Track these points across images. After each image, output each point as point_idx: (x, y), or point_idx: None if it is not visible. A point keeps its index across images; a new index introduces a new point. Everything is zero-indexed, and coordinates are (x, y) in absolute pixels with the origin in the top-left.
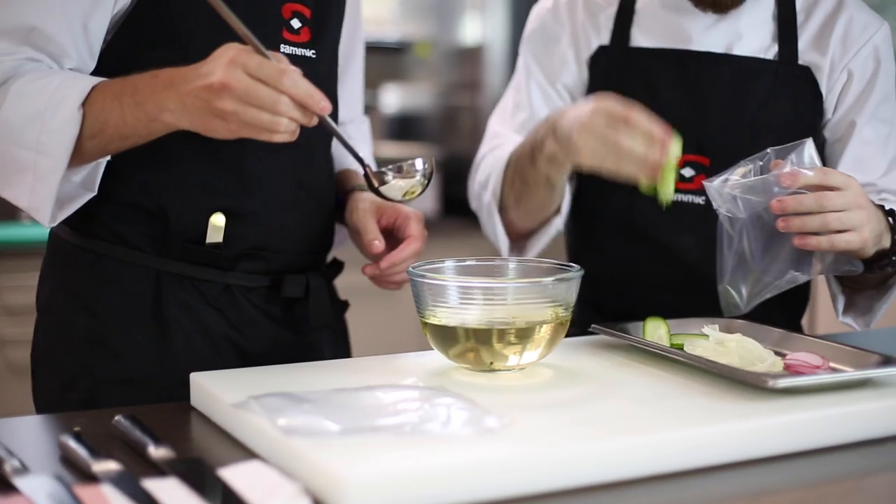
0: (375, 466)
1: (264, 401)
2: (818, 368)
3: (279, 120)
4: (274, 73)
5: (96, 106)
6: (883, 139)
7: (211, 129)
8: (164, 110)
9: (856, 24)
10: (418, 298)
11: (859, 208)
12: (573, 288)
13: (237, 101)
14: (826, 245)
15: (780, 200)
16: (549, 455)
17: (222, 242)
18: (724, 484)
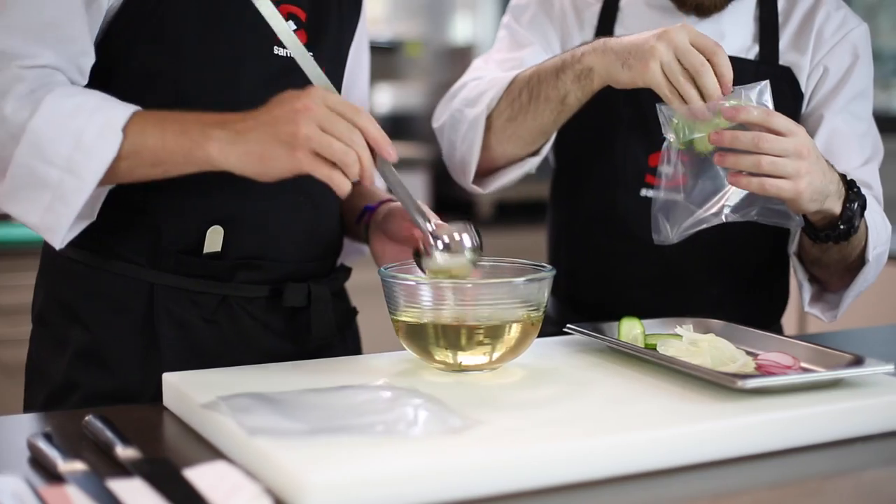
0: (336, 467)
1: (232, 401)
2: (789, 369)
3: (351, 152)
4: (350, 109)
5: (136, 128)
6: (858, 135)
7: (270, 158)
8: (211, 139)
9: (832, 21)
10: (389, 299)
11: (799, 157)
12: (544, 288)
13: (315, 126)
14: (756, 187)
15: (718, 133)
16: (512, 456)
17: (220, 252)
18: (688, 485)
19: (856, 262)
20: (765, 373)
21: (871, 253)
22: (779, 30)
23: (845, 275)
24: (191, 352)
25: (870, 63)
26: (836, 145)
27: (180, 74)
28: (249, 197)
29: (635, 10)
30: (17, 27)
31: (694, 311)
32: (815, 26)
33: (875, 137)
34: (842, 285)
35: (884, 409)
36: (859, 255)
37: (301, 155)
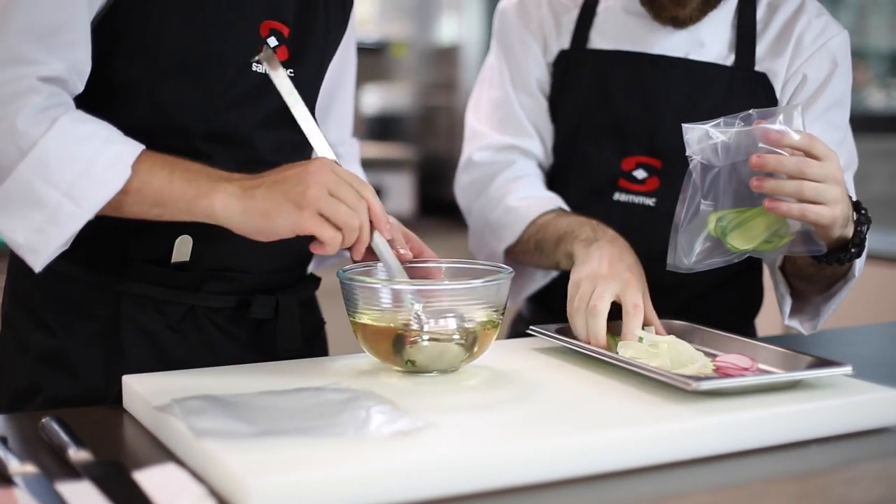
0: (279, 469)
1: (185, 403)
2: (746, 371)
3: (355, 218)
4: (357, 181)
5: (143, 166)
6: (835, 144)
7: (276, 214)
8: (218, 191)
9: (813, 28)
10: (348, 300)
11: (836, 183)
12: (503, 290)
13: (324, 189)
14: (797, 213)
15: (761, 156)
16: (458, 458)
17: (188, 262)
18: (634, 488)
19: (841, 276)
20: (722, 374)
21: (857, 267)
22: (756, 37)
23: (826, 287)
24: (155, 360)
25: (848, 72)
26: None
27: (157, 86)
28: None
29: (612, 17)
30: (27, 31)
31: (665, 311)
32: (796, 33)
33: (850, 147)
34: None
35: (839, 411)
36: (847, 269)
37: (308, 214)
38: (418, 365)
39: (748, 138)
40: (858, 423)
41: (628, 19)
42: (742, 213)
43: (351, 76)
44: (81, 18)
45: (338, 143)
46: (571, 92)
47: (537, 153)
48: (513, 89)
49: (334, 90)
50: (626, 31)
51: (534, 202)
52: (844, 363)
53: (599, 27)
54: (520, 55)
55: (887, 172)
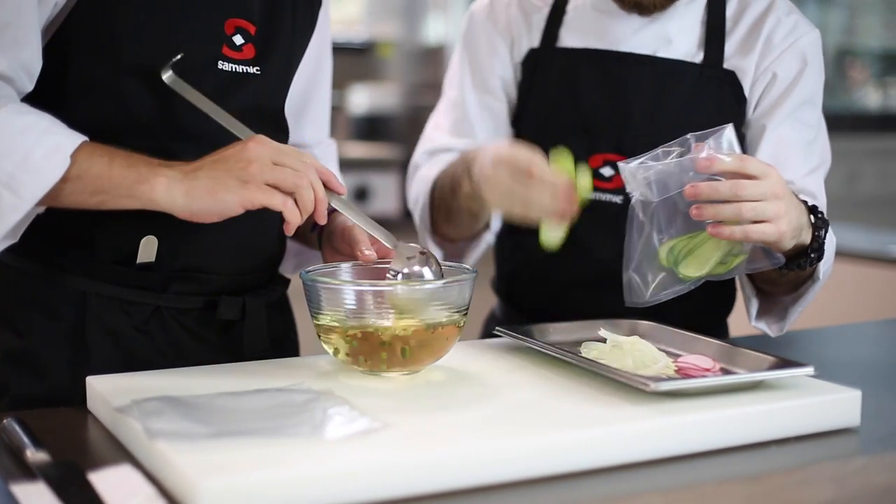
0: (230, 470)
1: (143, 404)
2: (708, 371)
3: (304, 178)
4: (294, 150)
5: (82, 155)
6: (806, 143)
7: (220, 189)
8: (160, 176)
9: (783, 27)
10: (310, 301)
11: (776, 199)
12: (465, 290)
13: (267, 160)
14: (740, 235)
15: (694, 186)
16: (412, 459)
17: (154, 262)
18: (579, 490)
19: (806, 278)
20: (683, 375)
21: (822, 268)
22: (726, 34)
23: (793, 289)
24: (121, 360)
25: (820, 70)
26: (782, 153)
27: (122, 86)
28: None
29: (581, 15)
30: None
31: (636, 311)
32: (765, 31)
33: (823, 146)
34: (789, 297)
35: (799, 412)
36: (812, 272)
37: (254, 186)
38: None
39: (681, 168)
40: (819, 423)
41: (597, 17)
42: (692, 239)
43: (326, 77)
44: (29, 18)
45: (315, 143)
46: (540, 90)
47: None
48: (471, 90)
49: (309, 91)
50: (595, 29)
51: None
52: (806, 364)
53: (569, 25)
54: (484, 56)
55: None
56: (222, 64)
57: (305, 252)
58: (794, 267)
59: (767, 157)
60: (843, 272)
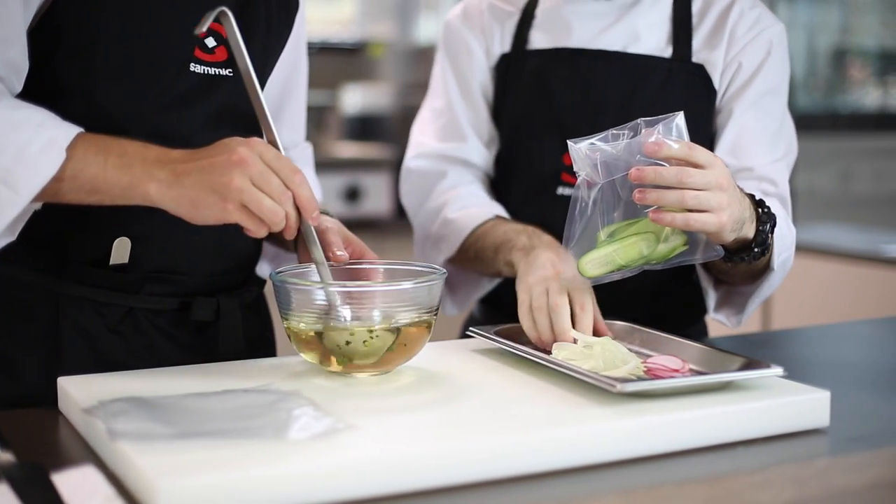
0: (191, 471)
1: (110, 405)
2: (677, 372)
3: (280, 212)
4: (287, 169)
5: (77, 152)
6: (770, 133)
7: (202, 205)
8: (153, 180)
9: (746, 19)
10: (280, 302)
11: (720, 190)
12: (435, 291)
13: (247, 180)
14: (680, 223)
15: (640, 169)
16: (373, 460)
17: (127, 264)
18: (537, 491)
19: (762, 269)
20: (652, 376)
21: (776, 261)
22: (693, 29)
23: (751, 280)
24: (95, 361)
25: (784, 62)
26: (744, 141)
27: (96, 88)
28: (158, 210)
29: (550, 16)
30: None
31: (611, 310)
32: (729, 24)
33: (789, 137)
34: (747, 288)
35: (765, 413)
36: (766, 263)
37: (231, 207)
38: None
39: (629, 152)
40: (788, 424)
41: (566, 17)
42: (632, 225)
43: (302, 80)
44: (15, 17)
45: (291, 145)
46: (513, 93)
47: (476, 160)
48: (457, 97)
49: (284, 94)
50: (564, 28)
51: (471, 213)
52: (775, 365)
53: (538, 27)
54: (464, 62)
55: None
56: (194, 66)
57: (282, 255)
58: (738, 260)
59: (730, 143)
60: (837, 271)
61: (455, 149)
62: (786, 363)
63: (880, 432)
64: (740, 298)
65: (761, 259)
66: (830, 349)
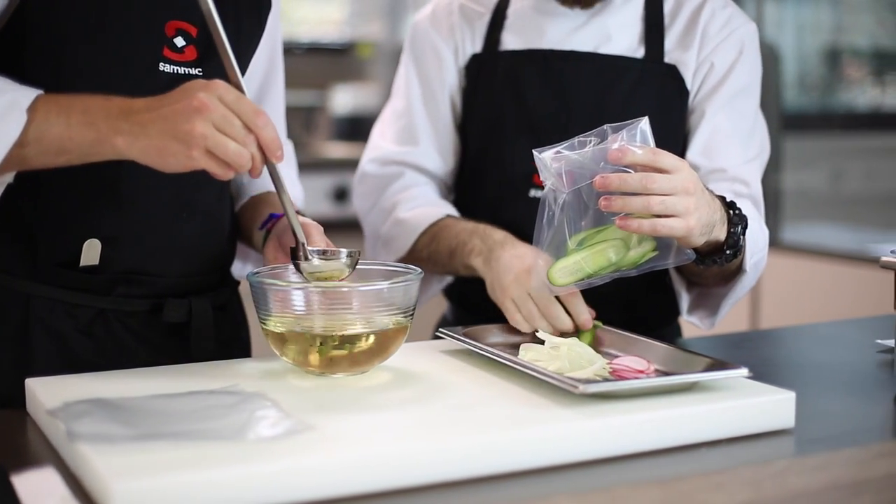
0: (146, 472)
1: (73, 407)
2: (641, 373)
3: (245, 154)
4: (250, 110)
5: (39, 115)
6: (743, 133)
7: (168, 153)
8: (119, 133)
9: (717, 19)
10: (257, 303)
11: (687, 194)
12: (411, 291)
13: (210, 125)
14: (647, 228)
15: (604, 177)
16: (327, 460)
17: (98, 265)
18: (487, 493)
19: (734, 271)
20: (616, 377)
21: (748, 263)
22: (665, 30)
23: (723, 282)
24: (66, 363)
25: (756, 62)
26: (716, 142)
27: (63, 87)
28: (129, 211)
29: (522, 17)
30: None
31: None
32: (701, 24)
33: (762, 137)
34: (720, 290)
35: (732, 414)
36: (738, 265)
37: (196, 153)
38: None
39: (594, 159)
40: (753, 425)
41: (536, 17)
42: (600, 233)
43: (279, 81)
44: None
45: None
46: (484, 93)
47: (431, 166)
48: (418, 101)
49: (261, 94)
50: (536, 29)
51: (422, 212)
52: (740, 366)
53: (510, 28)
54: (430, 64)
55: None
56: (163, 66)
57: (251, 254)
58: (710, 263)
59: (703, 144)
60: (826, 271)
61: (410, 153)
62: (758, 364)
63: (846, 433)
64: (713, 300)
65: (734, 261)
66: (803, 350)
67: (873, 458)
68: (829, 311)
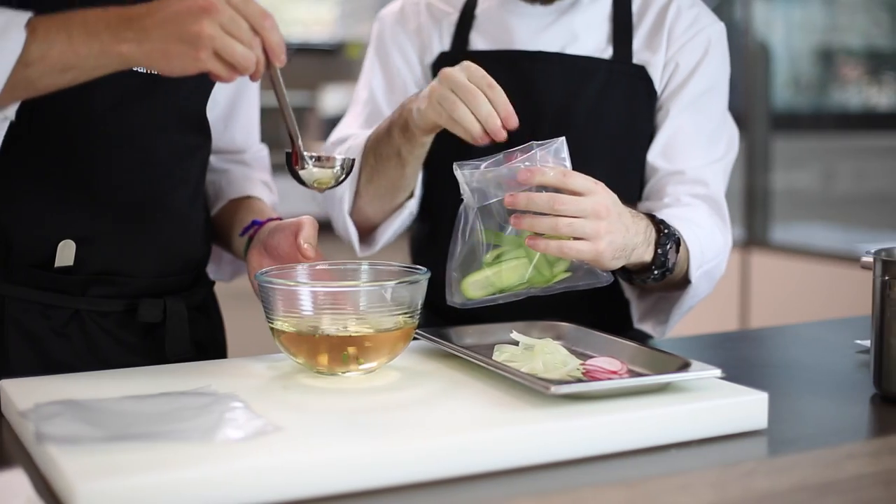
0: (112, 473)
1: (43, 408)
2: (615, 374)
3: (251, 56)
4: (257, 12)
5: (38, 34)
6: (707, 133)
7: (173, 56)
8: (123, 41)
9: (684, 19)
10: (263, 302)
11: (597, 218)
12: (419, 292)
13: (217, 27)
14: (554, 249)
15: (512, 196)
16: (292, 461)
17: (72, 266)
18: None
19: (681, 282)
20: (589, 378)
21: (694, 274)
22: (633, 30)
23: (674, 289)
24: (40, 364)
25: (722, 62)
26: (678, 142)
27: None
28: (103, 212)
29: (490, 17)
30: None
31: (552, 314)
32: (667, 24)
33: (729, 137)
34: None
35: (704, 415)
36: (683, 276)
37: (203, 55)
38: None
39: (505, 177)
40: (726, 426)
41: (504, 17)
42: (517, 250)
43: (254, 84)
44: None
45: (245, 148)
46: None
47: None
48: (381, 90)
49: (236, 97)
50: (503, 30)
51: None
52: (713, 366)
53: (478, 29)
54: (394, 60)
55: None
56: (139, 68)
57: (224, 256)
58: (641, 282)
59: (662, 145)
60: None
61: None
62: (736, 364)
63: (818, 434)
64: (667, 306)
65: (674, 275)
66: (783, 350)
67: (841, 460)
68: (820, 311)
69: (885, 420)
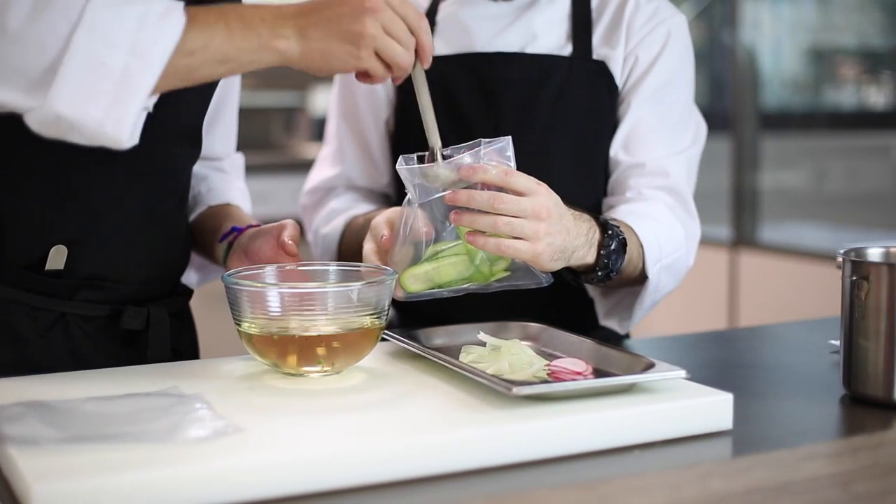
0: (69, 475)
1: (8, 409)
2: (579, 374)
3: (409, 57)
4: (414, 13)
5: (198, 22)
6: (670, 125)
7: (333, 56)
8: (279, 37)
9: (642, 13)
10: (233, 305)
11: (537, 219)
12: (385, 293)
13: (379, 27)
14: (492, 247)
15: (454, 192)
16: (251, 462)
17: (62, 270)
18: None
19: (641, 278)
20: (554, 378)
21: (651, 269)
22: (592, 26)
23: (636, 284)
24: (22, 365)
25: (683, 53)
26: (638, 135)
27: None
28: (95, 217)
29: (450, 22)
30: None
31: (523, 312)
32: (626, 18)
33: (695, 128)
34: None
35: (668, 415)
36: (641, 273)
37: (364, 54)
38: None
39: (451, 173)
40: (690, 427)
41: (465, 21)
42: (457, 246)
43: (235, 92)
44: None
45: (223, 156)
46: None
47: (361, 181)
48: (340, 120)
49: (219, 106)
50: (463, 33)
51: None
52: (678, 367)
53: (440, 35)
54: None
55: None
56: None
57: (208, 265)
58: (588, 282)
59: (623, 138)
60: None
61: (338, 175)
62: (705, 365)
63: (783, 436)
64: (630, 302)
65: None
66: (756, 350)
67: (798, 461)
68: (808, 310)
69: (852, 421)
